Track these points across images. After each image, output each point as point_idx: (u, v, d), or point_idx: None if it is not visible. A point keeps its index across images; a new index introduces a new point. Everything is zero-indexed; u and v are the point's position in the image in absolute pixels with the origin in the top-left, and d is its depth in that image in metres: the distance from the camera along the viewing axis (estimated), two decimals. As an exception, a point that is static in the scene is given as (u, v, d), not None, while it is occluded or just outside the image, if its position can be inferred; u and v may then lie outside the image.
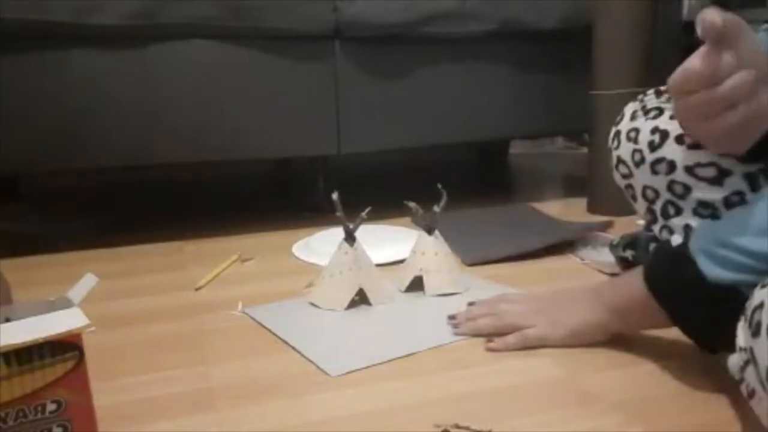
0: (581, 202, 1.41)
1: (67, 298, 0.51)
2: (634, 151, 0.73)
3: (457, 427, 0.53)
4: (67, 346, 0.45)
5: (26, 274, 1.05)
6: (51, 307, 0.50)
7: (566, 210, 1.35)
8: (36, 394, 0.44)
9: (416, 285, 0.87)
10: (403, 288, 0.88)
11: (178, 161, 1.19)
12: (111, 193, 1.87)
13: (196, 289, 0.93)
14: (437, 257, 0.87)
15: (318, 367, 0.66)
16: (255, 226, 1.34)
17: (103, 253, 1.17)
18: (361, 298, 0.83)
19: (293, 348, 0.71)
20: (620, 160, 0.75)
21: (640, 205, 0.75)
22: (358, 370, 0.65)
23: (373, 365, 0.66)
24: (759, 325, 0.44)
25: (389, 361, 0.67)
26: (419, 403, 0.58)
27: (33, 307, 0.50)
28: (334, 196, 0.80)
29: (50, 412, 0.45)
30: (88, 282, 0.96)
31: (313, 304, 0.83)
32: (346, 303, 0.82)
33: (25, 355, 0.43)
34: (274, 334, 0.75)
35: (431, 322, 0.77)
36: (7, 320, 0.48)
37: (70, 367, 0.45)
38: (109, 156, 1.14)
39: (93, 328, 0.46)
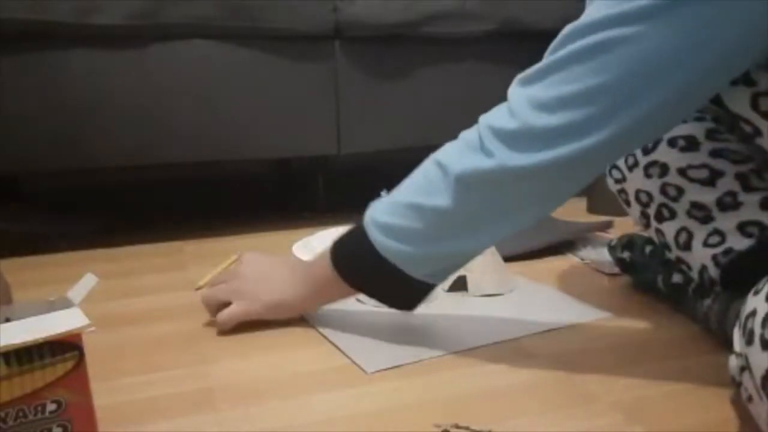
0: (581, 202, 1.41)
1: (67, 298, 0.51)
2: (627, 155, 0.73)
3: (457, 427, 0.53)
4: (67, 346, 0.45)
5: (26, 274, 1.05)
6: (51, 307, 0.50)
7: (566, 210, 1.35)
8: (36, 394, 0.44)
9: (459, 285, 0.87)
10: (446, 288, 0.87)
11: (178, 161, 1.19)
12: (111, 193, 1.87)
13: (196, 289, 0.93)
14: (482, 257, 0.86)
15: (354, 363, 0.66)
16: (255, 226, 1.34)
17: (103, 253, 1.17)
18: None
19: (331, 343, 0.71)
20: (613, 165, 0.75)
21: (634, 210, 0.75)
22: (392, 368, 0.65)
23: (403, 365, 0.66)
24: (752, 333, 0.44)
25: (422, 360, 0.67)
26: (419, 403, 0.58)
27: (33, 307, 0.50)
28: None
29: (50, 412, 0.45)
30: (88, 282, 0.96)
31: (359, 301, 0.83)
32: None
33: (25, 355, 0.43)
34: (315, 328, 0.75)
35: (472, 323, 0.76)
36: (7, 320, 0.48)
37: (70, 367, 0.45)
38: (109, 156, 1.14)
39: (93, 328, 0.46)
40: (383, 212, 0.64)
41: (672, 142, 0.70)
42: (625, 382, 0.61)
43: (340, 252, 0.68)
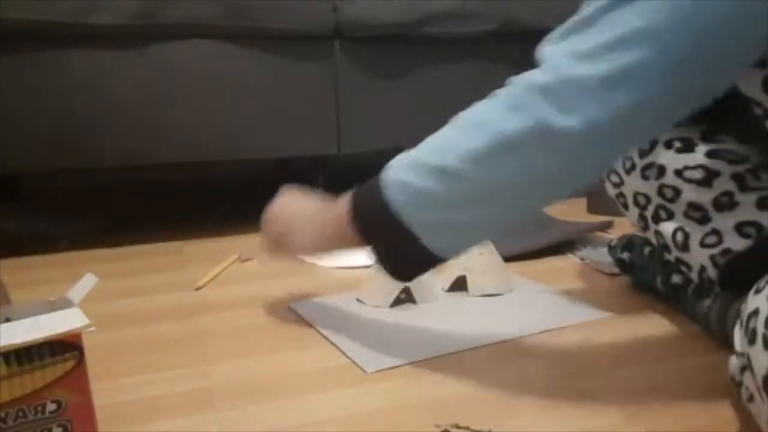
0: (581, 202, 1.41)
1: (67, 298, 0.51)
2: (625, 158, 0.73)
3: (457, 427, 0.53)
4: (67, 346, 0.45)
5: (26, 274, 1.05)
6: (51, 307, 0.50)
7: (566, 210, 1.35)
8: (36, 394, 0.44)
9: (459, 285, 0.87)
10: (446, 287, 0.88)
11: (178, 161, 1.19)
12: (111, 193, 1.87)
13: (196, 289, 0.93)
14: (481, 257, 0.86)
15: (354, 363, 0.66)
16: (255, 226, 1.33)
17: (103, 253, 1.17)
18: (407, 296, 0.84)
19: (331, 343, 0.71)
20: (611, 169, 0.76)
21: (632, 213, 0.75)
22: (392, 368, 0.65)
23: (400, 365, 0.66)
24: (754, 332, 0.44)
25: (422, 360, 0.67)
26: (419, 403, 0.58)
27: (33, 307, 0.50)
28: None
29: (50, 412, 0.45)
30: (88, 282, 0.97)
31: (359, 301, 0.84)
32: (391, 300, 0.82)
33: (25, 355, 0.43)
34: (315, 328, 0.76)
35: (472, 323, 0.76)
36: (7, 320, 0.48)
37: (70, 367, 0.45)
38: (109, 156, 1.14)
39: (93, 328, 0.46)
40: (406, 172, 0.59)
41: (668, 144, 0.70)
42: (625, 382, 0.61)
43: (359, 204, 0.64)
